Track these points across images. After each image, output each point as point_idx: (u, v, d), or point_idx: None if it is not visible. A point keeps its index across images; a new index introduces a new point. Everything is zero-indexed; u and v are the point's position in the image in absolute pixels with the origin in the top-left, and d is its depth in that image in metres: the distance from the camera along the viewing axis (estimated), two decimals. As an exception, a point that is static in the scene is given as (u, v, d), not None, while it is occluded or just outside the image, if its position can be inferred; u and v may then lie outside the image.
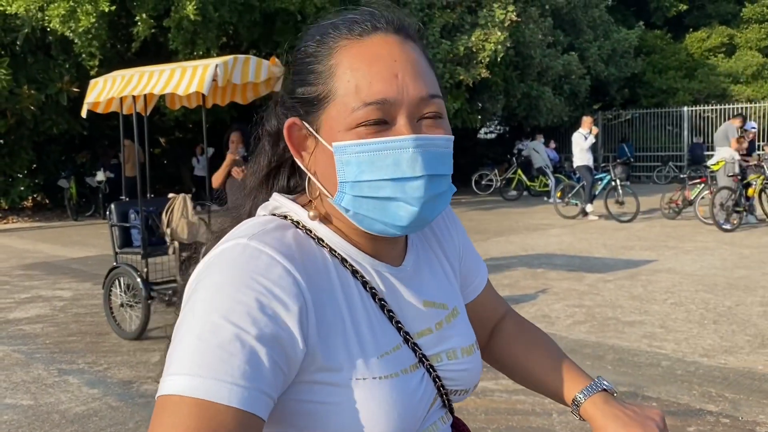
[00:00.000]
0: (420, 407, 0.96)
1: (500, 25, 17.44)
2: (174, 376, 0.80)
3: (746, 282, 7.46)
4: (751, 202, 12.18)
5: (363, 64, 0.91)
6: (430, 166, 0.90)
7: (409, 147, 0.89)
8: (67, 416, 4.28)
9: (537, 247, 10.47)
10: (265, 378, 0.81)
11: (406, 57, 0.93)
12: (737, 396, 4.28)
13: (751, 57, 26.79)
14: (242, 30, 15.66)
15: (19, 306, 7.48)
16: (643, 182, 23.67)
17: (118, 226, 6.31)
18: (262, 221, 0.97)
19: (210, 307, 0.83)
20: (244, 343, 0.81)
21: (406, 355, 0.97)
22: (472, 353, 1.08)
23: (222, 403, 0.78)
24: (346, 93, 0.91)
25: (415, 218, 0.91)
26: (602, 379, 1.11)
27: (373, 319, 0.95)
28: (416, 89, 0.91)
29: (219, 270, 0.87)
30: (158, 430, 0.78)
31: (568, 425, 3.91)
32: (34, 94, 15.38)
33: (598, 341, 5.47)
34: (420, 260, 1.08)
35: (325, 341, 0.89)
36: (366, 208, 0.92)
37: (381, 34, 0.94)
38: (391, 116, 0.90)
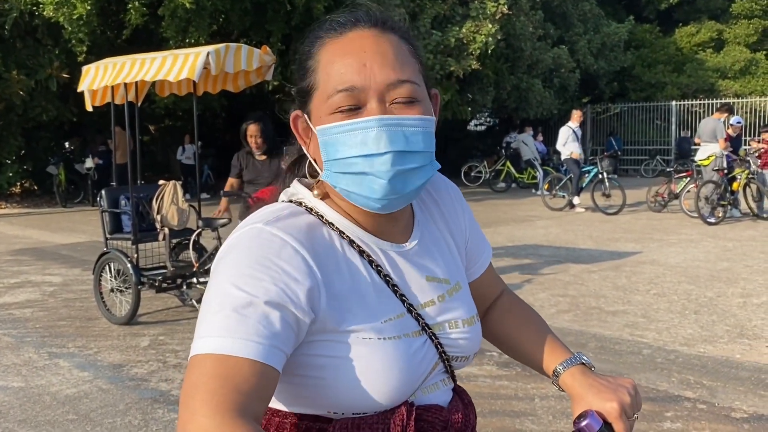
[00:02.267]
0: (420, 368, 1.09)
1: (491, 17, 17.50)
2: (198, 339, 0.93)
3: (728, 274, 7.60)
4: (736, 196, 12.32)
5: (337, 57, 1.04)
6: (396, 143, 1.01)
7: (374, 127, 1.01)
8: (58, 398, 4.34)
9: (524, 238, 10.57)
10: (277, 335, 0.93)
11: (377, 48, 1.04)
12: (714, 383, 4.39)
13: (739, 52, 26.95)
14: (233, 18, 15.65)
15: (9, 291, 7.52)
16: (630, 175, 23.82)
17: (108, 211, 6.35)
18: (278, 208, 1.09)
19: (227, 280, 0.96)
20: (256, 307, 0.93)
21: (410, 323, 1.09)
22: (473, 324, 1.20)
23: (240, 356, 0.90)
24: (325, 83, 1.05)
25: (386, 191, 1.02)
26: (582, 354, 1.23)
27: (378, 291, 1.08)
28: (383, 76, 1.02)
29: (237, 250, 1.00)
30: (188, 383, 0.89)
31: (549, 410, 4.00)
32: (23, 80, 15.32)
33: (581, 330, 5.58)
34: (425, 237, 1.19)
35: (334, 311, 1.02)
36: (345, 182, 1.04)
37: (359, 29, 1.06)
38: (362, 101, 1.02)
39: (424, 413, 1.09)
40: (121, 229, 6.38)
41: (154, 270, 6.41)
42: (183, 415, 0.86)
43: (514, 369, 4.66)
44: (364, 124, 1.01)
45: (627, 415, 1.12)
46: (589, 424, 1.10)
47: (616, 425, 1.11)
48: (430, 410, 1.11)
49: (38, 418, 4.02)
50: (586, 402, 1.14)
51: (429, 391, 1.13)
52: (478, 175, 21.00)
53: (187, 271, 6.18)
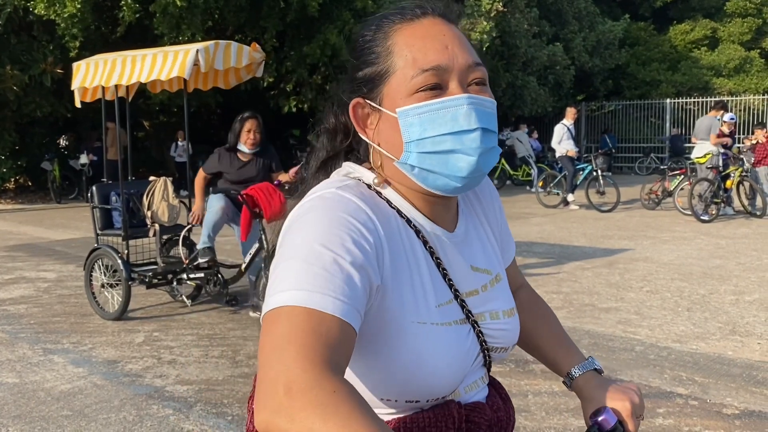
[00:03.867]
0: (468, 357, 1.12)
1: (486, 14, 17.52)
2: (284, 292, 0.91)
3: (720, 271, 7.63)
4: (729, 193, 12.37)
5: (417, 40, 1.06)
6: (482, 121, 1.05)
7: (464, 104, 1.04)
8: (52, 394, 4.35)
9: (518, 235, 10.59)
10: (358, 297, 0.94)
11: (453, 33, 1.08)
12: (706, 380, 4.42)
13: (734, 51, 27.03)
14: (228, 15, 15.63)
15: (3, 287, 7.51)
16: (624, 173, 23.89)
17: (99, 208, 6.34)
18: (342, 179, 1.12)
19: (312, 237, 0.96)
20: (342, 267, 0.93)
21: (456, 310, 1.12)
22: (512, 315, 1.23)
23: (327, 312, 0.89)
24: (405, 65, 1.06)
25: (473, 168, 1.05)
26: (594, 359, 1.30)
27: (432, 274, 1.10)
28: (464, 57, 1.06)
29: (315, 211, 1.01)
30: (274, 335, 0.87)
31: (542, 406, 4.03)
32: (17, 75, 15.27)
33: (574, 326, 5.61)
34: (469, 227, 1.22)
35: (395, 282, 1.04)
36: (430, 162, 1.05)
37: (429, 17, 1.09)
38: (445, 81, 1.05)
39: (471, 413, 1.13)
40: (111, 225, 6.37)
41: (144, 266, 6.41)
42: (273, 368, 0.83)
43: (508, 365, 4.69)
44: (454, 101, 1.04)
45: (636, 415, 1.19)
46: (606, 419, 1.16)
47: (628, 423, 1.17)
48: (475, 410, 1.14)
49: (32, 414, 4.03)
50: (599, 402, 1.20)
51: (471, 389, 1.15)
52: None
53: (178, 267, 6.18)
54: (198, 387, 4.44)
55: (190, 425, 3.86)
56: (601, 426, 1.16)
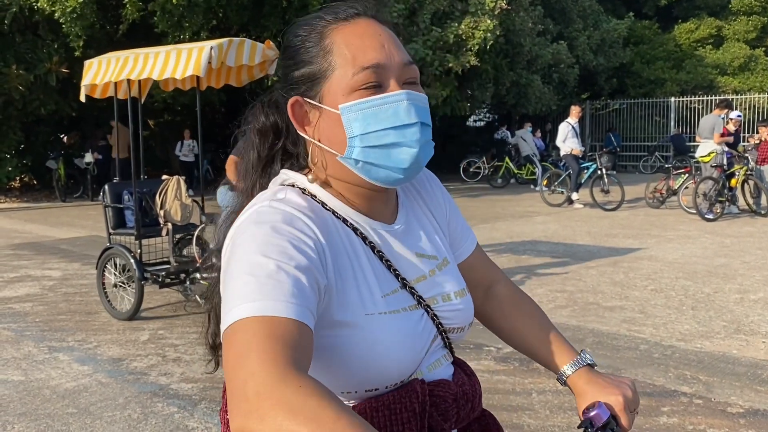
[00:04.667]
0: (422, 339, 1.14)
1: (490, 12, 17.47)
2: (236, 307, 0.93)
3: (725, 270, 7.62)
4: (734, 192, 12.34)
5: (355, 39, 1.10)
6: (421, 115, 1.10)
7: (404, 99, 1.09)
8: (57, 391, 4.37)
9: (522, 234, 10.59)
10: (308, 298, 0.96)
11: (387, 33, 1.12)
12: (711, 378, 4.41)
13: (739, 49, 26.93)
14: (231, 13, 15.65)
15: (9, 285, 7.53)
16: (629, 172, 23.82)
17: (111, 207, 6.31)
18: (276, 189, 1.14)
19: (251, 251, 0.98)
20: (287, 272, 0.96)
21: (405, 297, 1.15)
22: (464, 296, 1.26)
23: (281, 315, 0.91)
24: (345, 63, 1.09)
25: (414, 159, 1.09)
26: (586, 352, 1.31)
27: (374, 267, 1.13)
28: (399, 56, 1.11)
29: (252, 225, 1.03)
30: (235, 350, 0.89)
31: (547, 404, 4.03)
32: (22, 74, 15.31)
33: (578, 325, 5.60)
34: (410, 218, 1.25)
35: (340, 282, 1.07)
36: (374, 156, 1.09)
37: (363, 18, 1.13)
38: (383, 78, 1.09)
39: (435, 388, 1.15)
40: (124, 225, 6.35)
41: (157, 265, 6.39)
42: (239, 376, 0.85)
43: (512, 364, 4.69)
44: (396, 97, 1.08)
45: (629, 409, 1.20)
46: (598, 414, 1.16)
47: (621, 417, 1.18)
48: (440, 385, 1.17)
49: (38, 412, 4.04)
50: (592, 397, 1.22)
51: (434, 368, 1.18)
52: (477, 170, 21.00)
53: (191, 267, 6.14)
54: (203, 385, 4.45)
55: (195, 423, 3.87)
56: (593, 421, 1.16)
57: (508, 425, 3.76)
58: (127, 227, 6.33)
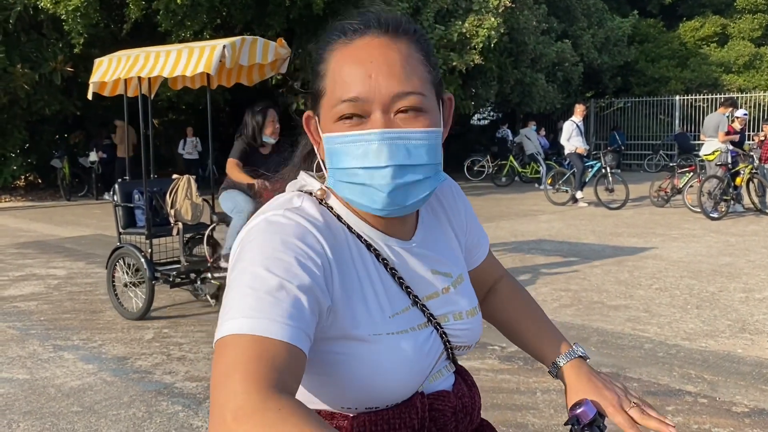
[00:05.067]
0: (428, 359, 1.12)
1: (494, 10, 17.46)
2: (232, 320, 0.91)
3: (730, 269, 7.60)
4: (739, 191, 12.31)
5: (344, 66, 1.04)
6: (396, 157, 1.02)
7: (375, 140, 1.01)
8: (62, 390, 4.37)
9: (527, 232, 10.58)
10: (306, 320, 0.94)
11: (384, 58, 1.04)
12: (716, 378, 4.40)
13: (744, 47, 26.86)
14: (235, 12, 15.65)
15: (14, 284, 7.55)
16: (633, 170, 23.79)
17: (122, 206, 6.26)
18: (291, 196, 1.11)
19: (258, 263, 0.96)
20: (288, 292, 0.94)
21: (416, 315, 1.13)
22: (475, 315, 1.24)
23: (275, 338, 0.90)
24: (332, 90, 1.05)
25: (386, 203, 1.04)
26: (578, 346, 1.30)
27: (385, 284, 1.10)
28: (388, 87, 1.02)
29: (262, 235, 1.01)
30: (223, 363, 0.88)
31: (551, 403, 4.03)
32: (27, 73, 15.34)
33: (583, 324, 5.60)
34: (428, 234, 1.22)
35: (346, 300, 1.05)
36: (347, 191, 1.07)
37: (369, 35, 1.06)
38: (366, 111, 1.03)
39: (435, 402, 1.14)
40: (134, 224, 6.29)
41: (167, 265, 6.34)
42: (221, 395, 0.84)
43: (516, 363, 4.69)
44: (366, 136, 1.02)
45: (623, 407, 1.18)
46: (584, 412, 1.16)
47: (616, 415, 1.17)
48: (439, 398, 1.15)
49: (43, 410, 4.05)
50: (581, 393, 1.21)
51: (434, 379, 1.16)
52: (481, 169, 20.99)
53: (202, 266, 6.10)
54: (207, 383, 4.46)
55: (199, 422, 3.88)
56: (580, 418, 1.16)
57: (512, 424, 3.76)
58: (137, 226, 6.26)
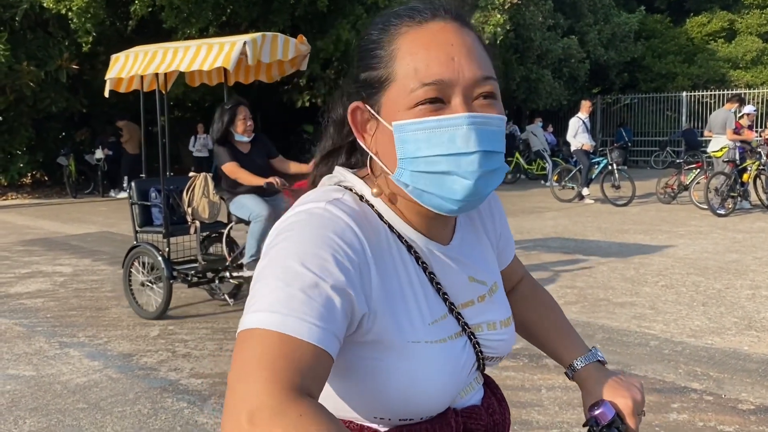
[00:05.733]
0: (464, 371, 1.09)
1: (500, 7, 17.43)
2: (259, 312, 0.88)
3: (737, 266, 7.58)
4: (746, 187, 12.27)
5: (421, 48, 0.99)
6: (483, 143, 0.98)
7: (464, 124, 0.97)
8: (68, 387, 4.39)
9: (533, 229, 10.57)
10: (337, 322, 0.90)
11: (462, 42, 1.01)
12: (722, 375, 4.39)
13: (751, 42, 26.73)
14: (240, 9, 15.66)
15: (20, 281, 7.58)
16: (640, 167, 23.73)
17: (138, 204, 6.17)
18: (333, 189, 1.07)
19: (293, 256, 0.92)
20: (322, 290, 0.90)
21: (451, 324, 1.09)
22: (509, 325, 1.20)
23: (302, 338, 0.86)
24: (406, 75, 0.99)
25: (469, 192, 0.98)
26: (597, 350, 1.29)
27: (424, 289, 1.06)
28: (471, 71, 0.98)
29: (300, 227, 0.97)
30: (244, 357, 0.85)
31: (556, 400, 4.02)
32: (33, 71, 15.39)
33: (588, 321, 5.59)
34: (466, 239, 1.18)
35: (386, 303, 1.00)
36: (424, 182, 0.99)
37: (439, 20, 1.02)
38: (447, 96, 0.98)
39: (468, 420, 1.11)
40: (151, 222, 6.21)
41: (184, 264, 6.28)
42: (239, 391, 0.81)
43: (521, 360, 4.68)
44: (453, 121, 0.97)
45: (637, 412, 1.17)
46: (603, 413, 1.15)
47: (629, 420, 1.16)
48: (472, 416, 1.12)
49: (49, 407, 4.07)
50: (599, 396, 1.19)
51: (466, 393, 1.13)
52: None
53: (219, 265, 6.03)
54: (212, 380, 4.46)
55: (204, 418, 3.89)
56: (599, 419, 1.15)
57: (517, 421, 3.76)
58: (154, 225, 6.18)
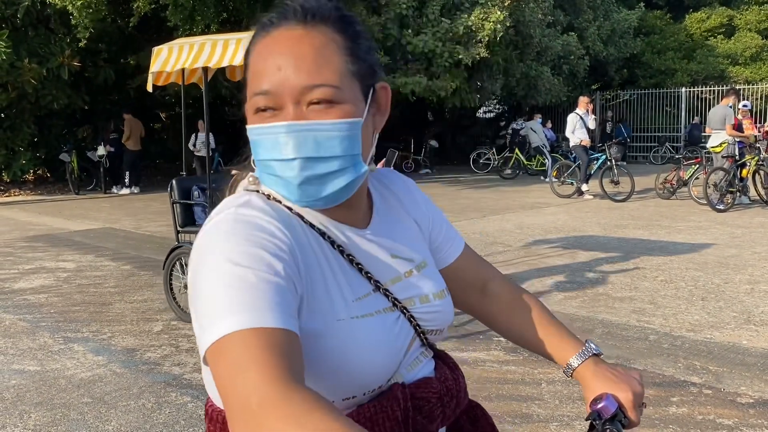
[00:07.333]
0: (398, 342, 1.11)
1: (500, 4, 17.42)
2: (219, 321, 0.89)
3: (736, 261, 7.62)
4: (745, 182, 12.30)
5: (258, 59, 1.04)
6: (303, 150, 1.01)
7: (282, 132, 1.01)
8: (73, 381, 4.43)
9: (533, 225, 10.60)
10: (289, 304, 0.93)
11: (296, 49, 1.02)
12: (721, 369, 4.43)
13: (750, 39, 26.74)
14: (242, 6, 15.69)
15: (24, 276, 7.62)
16: (639, 162, 23.76)
17: (180, 203, 6.05)
18: (237, 196, 1.10)
19: (226, 260, 0.93)
20: (267, 281, 0.92)
21: (380, 300, 1.11)
22: (444, 297, 1.22)
23: (267, 326, 0.88)
24: (249, 84, 1.05)
25: (299, 195, 1.04)
26: (591, 342, 1.28)
27: (344, 271, 1.09)
28: (297, 80, 1.00)
29: (223, 233, 0.98)
30: (229, 363, 0.86)
31: (556, 394, 4.06)
32: (35, 68, 15.41)
33: (588, 315, 5.63)
34: (384, 223, 1.20)
35: (310, 288, 1.03)
36: (270, 182, 1.07)
37: (284, 26, 1.04)
38: (278, 104, 1.02)
39: (417, 390, 1.12)
40: (193, 222, 6.09)
41: None
42: (239, 390, 0.83)
43: (522, 354, 4.72)
44: (274, 129, 1.01)
45: (638, 404, 1.19)
46: (606, 407, 1.15)
47: (631, 413, 1.17)
48: (421, 385, 1.13)
49: (54, 401, 4.11)
50: (600, 390, 1.20)
51: (413, 367, 1.15)
52: (487, 162, 21.01)
53: None
54: (216, 375, 4.49)
55: (209, 412, 3.92)
56: (601, 413, 1.15)
57: (517, 415, 3.80)
58: (197, 225, 6.07)
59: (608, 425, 1.15)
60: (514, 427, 3.66)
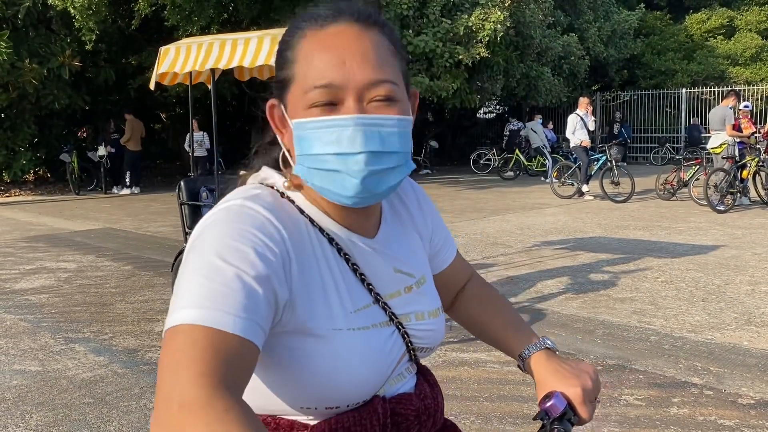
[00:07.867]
0: (389, 358, 1.11)
1: (500, 4, 17.41)
2: (183, 309, 0.89)
3: (736, 262, 7.62)
4: (745, 183, 12.31)
5: (317, 52, 1.03)
6: (370, 144, 1.01)
7: (350, 125, 1.00)
8: (74, 382, 4.43)
9: (533, 226, 10.61)
10: (260, 312, 0.92)
11: (359, 45, 1.03)
12: (722, 369, 4.43)
13: (751, 39, 26.75)
14: (241, 7, 15.69)
15: (25, 277, 7.62)
16: (639, 163, 23.76)
17: (189, 204, 6.00)
18: (252, 187, 1.11)
19: (213, 252, 0.94)
20: (244, 282, 0.92)
21: (377, 313, 1.11)
22: (438, 316, 1.23)
23: (227, 330, 0.88)
24: (303, 77, 1.03)
25: (358, 190, 1.02)
26: (547, 338, 1.28)
27: (346, 280, 1.09)
28: (363, 74, 1.01)
29: (219, 224, 0.99)
30: (171, 353, 0.86)
31: (557, 395, 4.06)
32: (35, 68, 15.42)
33: (588, 316, 5.63)
34: (391, 232, 1.21)
35: (305, 293, 1.03)
36: (317, 178, 1.04)
37: (341, 23, 1.05)
38: (340, 98, 1.01)
39: (397, 406, 1.12)
40: None
41: None
42: (168, 384, 0.82)
43: (523, 355, 4.72)
44: (340, 122, 1.00)
45: (589, 399, 1.17)
46: (554, 405, 1.14)
47: (580, 409, 1.16)
48: (402, 402, 1.13)
49: (55, 402, 4.11)
50: (550, 386, 1.19)
51: (396, 382, 1.15)
52: (487, 162, 21.01)
53: None
54: (217, 375, 4.49)
55: (210, 413, 3.92)
56: (549, 412, 1.14)
57: (518, 416, 3.80)
58: None
59: (556, 424, 1.13)
60: (515, 428, 3.66)
